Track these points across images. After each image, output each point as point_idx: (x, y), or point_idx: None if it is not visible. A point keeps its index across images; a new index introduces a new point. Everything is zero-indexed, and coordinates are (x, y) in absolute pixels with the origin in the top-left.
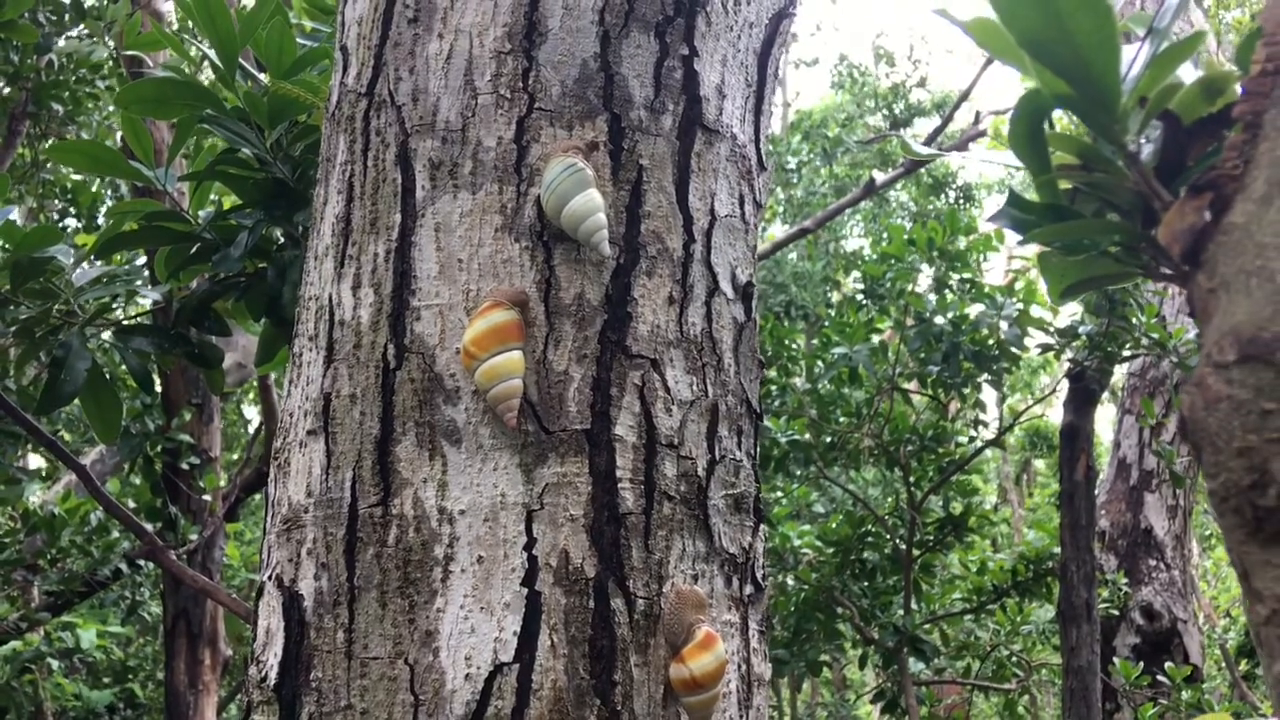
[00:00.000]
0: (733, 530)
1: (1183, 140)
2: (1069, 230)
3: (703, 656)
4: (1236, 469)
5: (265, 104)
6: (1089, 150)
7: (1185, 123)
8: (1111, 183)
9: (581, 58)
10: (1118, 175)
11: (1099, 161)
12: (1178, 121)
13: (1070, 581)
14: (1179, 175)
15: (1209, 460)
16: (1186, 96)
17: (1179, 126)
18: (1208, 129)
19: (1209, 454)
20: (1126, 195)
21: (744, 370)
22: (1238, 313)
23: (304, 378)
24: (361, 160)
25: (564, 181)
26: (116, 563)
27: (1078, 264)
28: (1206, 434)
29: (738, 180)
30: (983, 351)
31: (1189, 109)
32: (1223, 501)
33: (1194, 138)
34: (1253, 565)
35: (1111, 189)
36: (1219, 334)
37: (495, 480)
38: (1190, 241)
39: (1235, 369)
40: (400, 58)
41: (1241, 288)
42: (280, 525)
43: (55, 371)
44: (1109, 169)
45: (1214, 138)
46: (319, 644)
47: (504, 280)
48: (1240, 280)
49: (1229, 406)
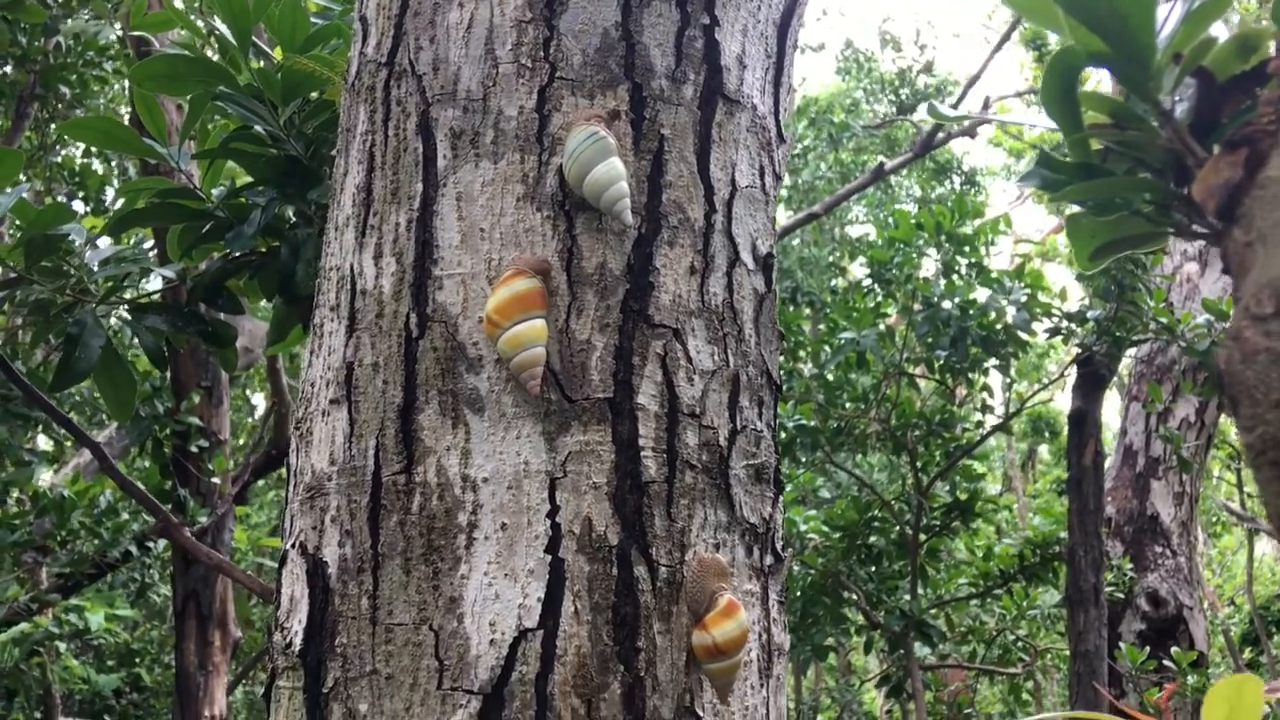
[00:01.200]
0: (753, 500)
1: (1216, 97)
2: (1101, 188)
3: (725, 624)
4: (1274, 421)
5: (278, 81)
6: (1121, 108)
7: (1219, 79)
8: (1144, 140)
9: (603, 27)
10: (1150, 133)
11: (1131, 119)
12: (1211, 78)
13: (1078, 566)
14: (1213, 132)
15: (1246, 413)
16: (1221, 53)
17: (1213, 83)
18: (1242, 85)
19: (1246, 406)
20: (1159, 153)
21: (764, 341)
22: (1275, 265)
23: (326, 347)
24: (382, 130)
25: (586, 150)
26: (126, 545)
27: (1109, 224)
28: (1244, 387)
29: (758, 151)
30: (990, 336)
31: (1223, 65)
32: (1260, 455)
33: (1228, 94)
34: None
35: (1144, 147)
36: (1256, 286)
37: (518, 448)
38: (1225, 197)
39: (1273, 321)
40: (420, 27)
41: (1278, 241)
42: (303, 493)
43: (69, 349)
44: (1142, 127)
45: (1248, 94)
46: (343, 610)
47: (526, 249)
48: (1277, 233)
49: (1267, 359)
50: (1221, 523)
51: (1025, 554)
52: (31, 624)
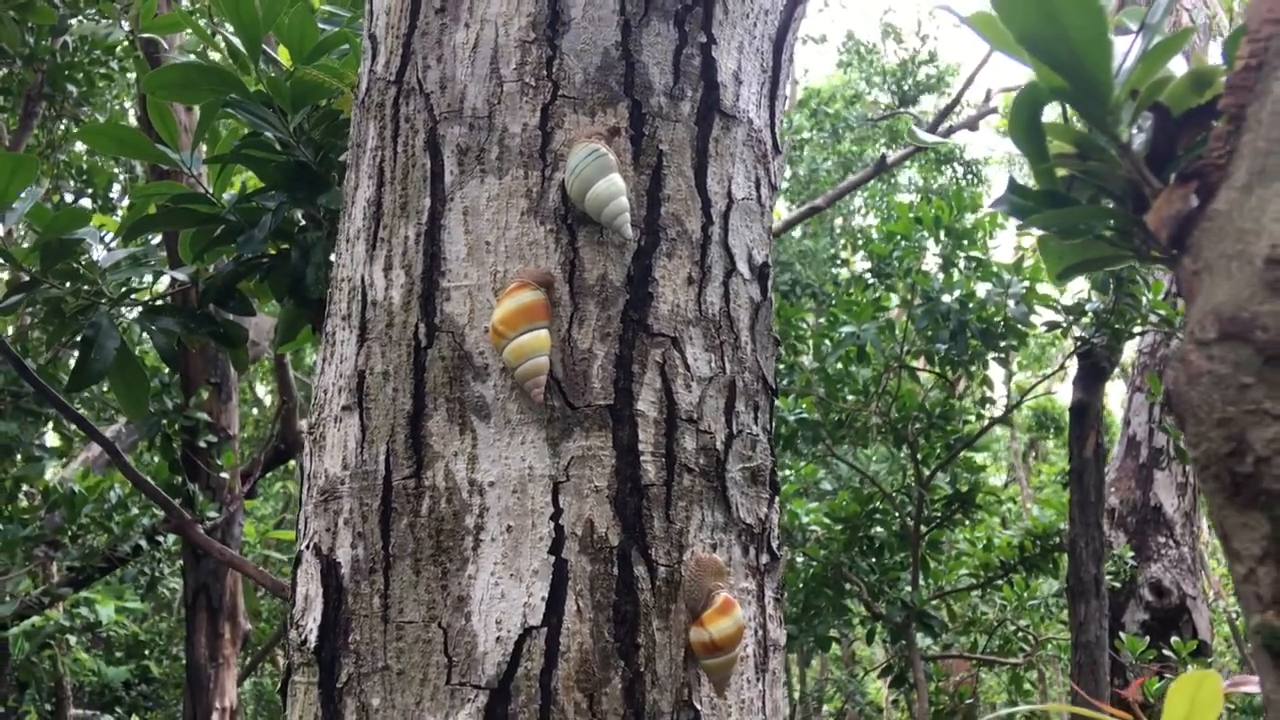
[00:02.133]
0: (749, 502)
1: (1172, 130)
2: (1065, 215)
3: (722, 621)
4: (1216, 439)
5: (288, 89)
6: (1084, 140)
7: (1175, 114)
8: (1105, 170)
9: (603, 46)
10: (1111, 164)
11: (1094, 150)
12: (1168, 113)
13: (1079, 558)
14: (1169, 164)
15: (1191, 431)
16: (1176, 89)
17: (1169, 117)
18: (1196, 120)
19: (1191, 425)
20: (1119, 183)
21: (760, 348)
22: (1219, 294)
23: (337, 355)
24: (391, 146)
25: (588, 166)
26: (136, 539)
27: (1075, 247)
28: (1189, 406)
29: (754, 164)
30: (990, 329)
31: (1179, 100)
32: (1204, 469)
33: (1183, 128)
34: (1232, 528)
35: (1105, 176)
36: (1201, 313)
37: (523, 453)
38: (1177, 227)
39: (1216, 346)
40: (428, 46)
41: (1223, 270)
42: (317, 496)
43: (86, 350)
44: (1103, 158)
45: (1202, 128)
46: (356, 609)
47: (530, 262)
48: (1222, 263)
49: (1210, 381)
50: None
51: (1026, 545)
52: (43, 617)
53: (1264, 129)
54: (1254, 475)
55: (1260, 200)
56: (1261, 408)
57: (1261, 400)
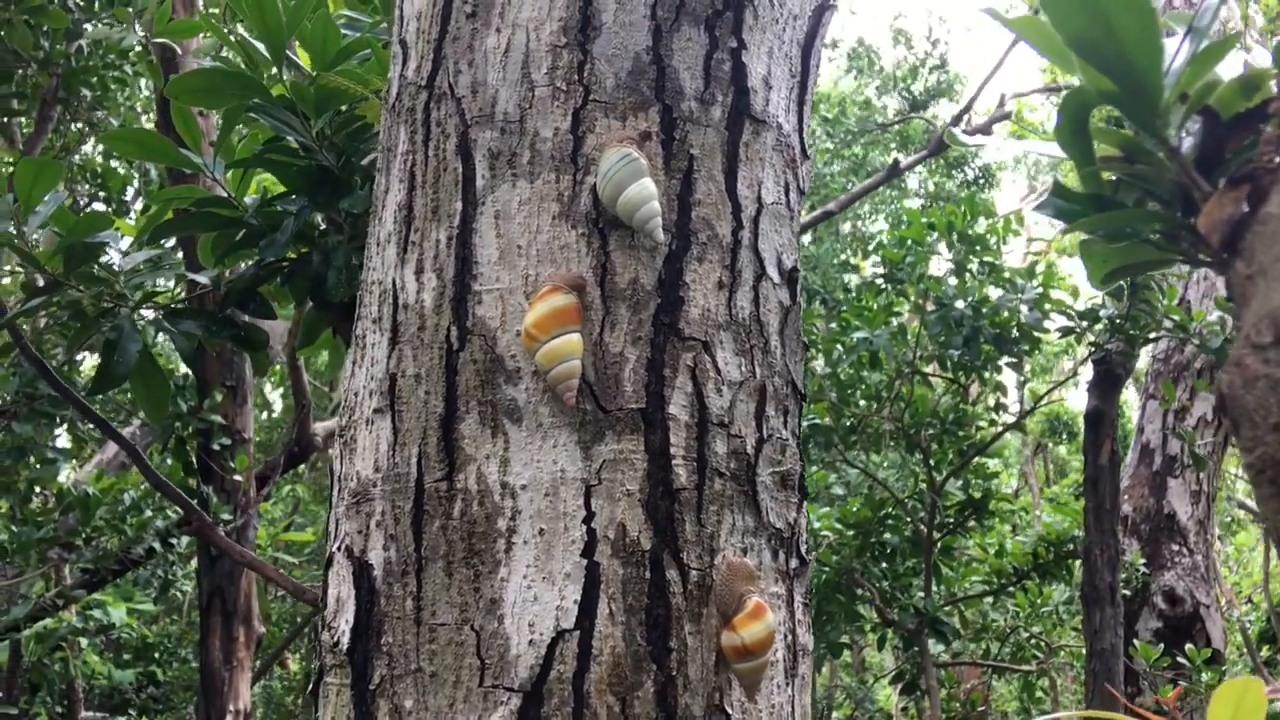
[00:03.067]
0: (779, 506)
1: (1221, 134)
2: (1112, 219)
3: (753, 625)
4: (1273, 443)
5: (311, 94)
6: (1131, 143)
7: (1223, 117)
8: (1153, 174)
9: (634, 51)
10: (1159, 167)
11: (1141, 154)
12: (1216, 116)
13: (1094, 566)
14: (1217, 167)
15: (1246, 435)
16: (1225, 93)
17: (1217, 121)
18: (1245, 123)
19: (1246, 429)
20: (1167, 186)
21: (789, 352)
22: (1275, 297)
23: (369, 359)
24: (423, 150)
25: (620, 171)
26: (150, 541)
27: (1119, 250)
28: (1244, 410)
29: (783, 169)
30: (1003, 335)
31: (1227, 104)
32: (1259, 474)
33: (1232, 132)
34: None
35: (1153, 180)
36: (1256, 317)
37: (555, 456)
38: (1229, 231)
39: (1272, 349)
40: (459, 51)
41: (1278, 274)
42: (349, 499)
43: (108, 354)
44: (1150, 161)
45: (1251, 132)
46: (389, 611)
47: (562, 265)
48: (1277, 267)
49: (1266, 385)
50: (1237, 520)
51: (1039, 551)
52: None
53: None
54: None
55: None
56: None
57: None
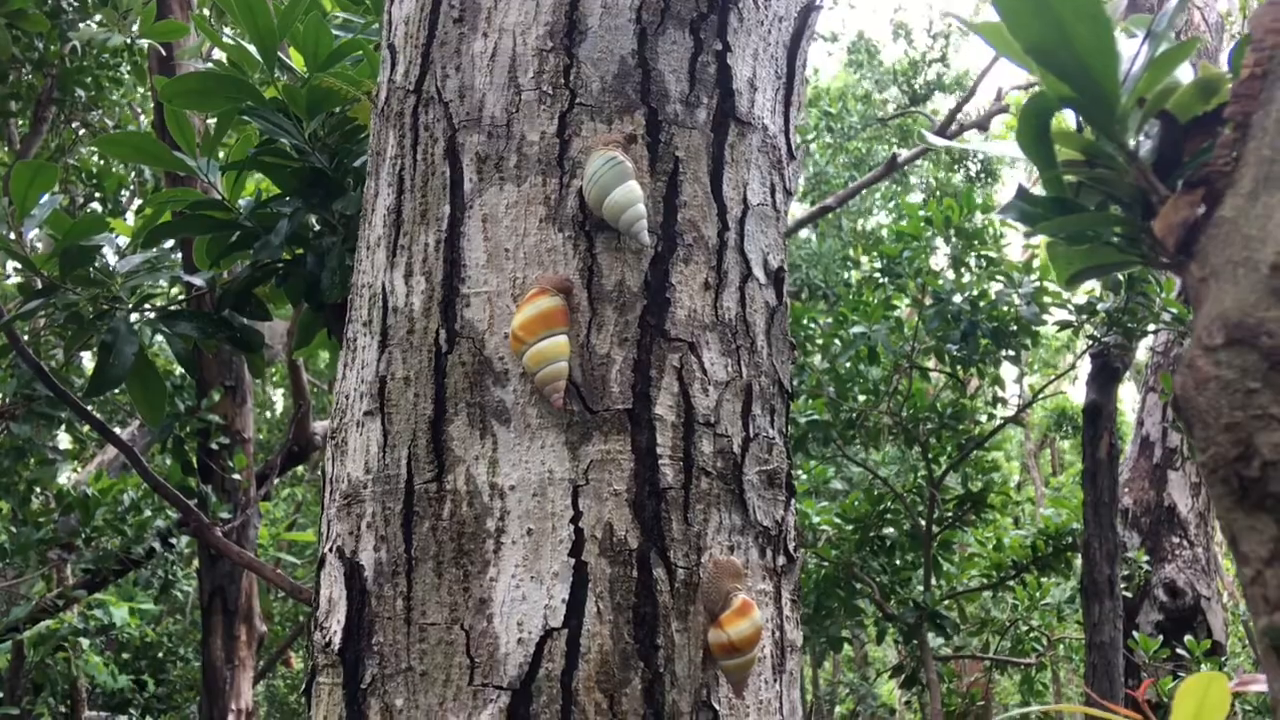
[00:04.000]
0: (766, 504)
1: (1179, 138)
2: (1073, 222)
3: (740, 622)
4: (1224, 443)
5: (303, 96)
6: (1092, 147)
7: (1181, 121)
8: (1113, 178)
9: (620, 54)
10: (1119, 170)
11: (1101, 158)
12: (1174, 120)
13: (1093, 559)
14: (1175, 170)
15: (1199, 436)
16: (1183, 97)
17: (1175, 125)
18: (1203, 127)
19: (1199, 430)
20: (1127, 189)
21: (776, 352)
22: (1226, 300)
23: (359, 361)
24: (411, 154)
25: (605, 174)
26: (150, 541)
27: (1082, 253)
28: (1196, 411)
29: (769, 170)
30: (1001, 329)
31: (1185, 108)
32: (1212, 473)
33: (1190, 135)
34: (1240, 531)
35: (1113, 183)
36: (1208, 319)
37: (543, 457)
38: (1184, 234)
39: (1223, 351)
40: (447, 56)
41: (1229, 276)
42: (340, 500)
43: (104, 356)
44: (1110, 165)
45: (1209, 135)
46: (380, 611)
47: (549, 268)
48: (1228, 270)
49: (1217, 386)
50: None
51: (1038, 545)
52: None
53: (1269, 136)
54: (1261, 479)
55: (1266, 207)
56: (1268, 412)
57: (1268, 405)
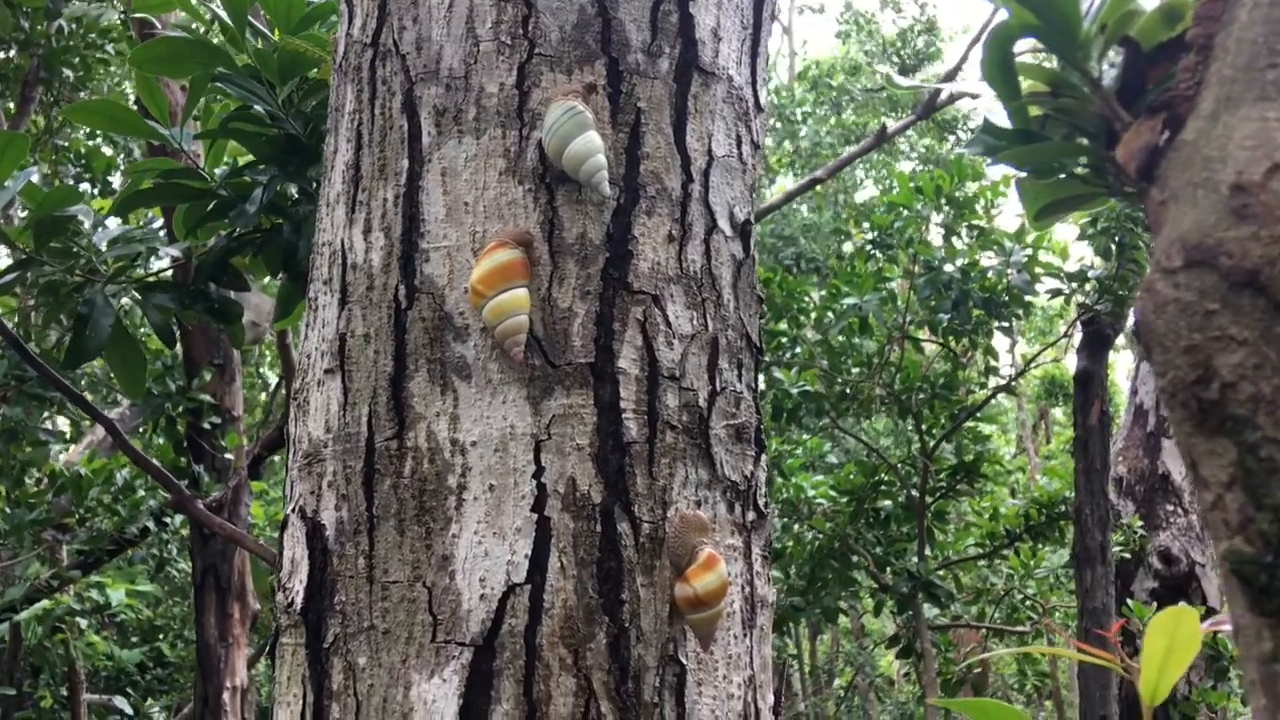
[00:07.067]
0: (734, 459)
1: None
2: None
3: (706, 576)
4: (1183, 366)
5: (275, 61)
6: (1056, 77)
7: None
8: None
9: (579, 3)
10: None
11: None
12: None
13: (1085, 525)
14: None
15: (1158, 359)
16: (1147, 23)
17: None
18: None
19: (1158, 353)
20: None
21: (743, 305)
22: (1184, 222)
23: (320, 320)
24: (369, 109)
25: (565, 124)
26: (144, 521)
27: (1049, 186)
28: (1155, 335)
29: (734, 121)
30: (993, 298)
31: (1149, 35)
32: (1171, 397)
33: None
34: (1199, 455)
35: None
36: (1167, 242)
37: (504, 413)
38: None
39: (1181, 274)
40: (403, 8)
41: (1189, 199)
42: (301, 460)
43: (80, 328)
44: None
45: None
46: (341, 570)
47: (509, 221)
48: (1188, 192)
49: (1176, 309)
50: None
51: (1031, 514)
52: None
53: (1230, 56)
54: (1220, 401)
55: (1226, 127)
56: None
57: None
